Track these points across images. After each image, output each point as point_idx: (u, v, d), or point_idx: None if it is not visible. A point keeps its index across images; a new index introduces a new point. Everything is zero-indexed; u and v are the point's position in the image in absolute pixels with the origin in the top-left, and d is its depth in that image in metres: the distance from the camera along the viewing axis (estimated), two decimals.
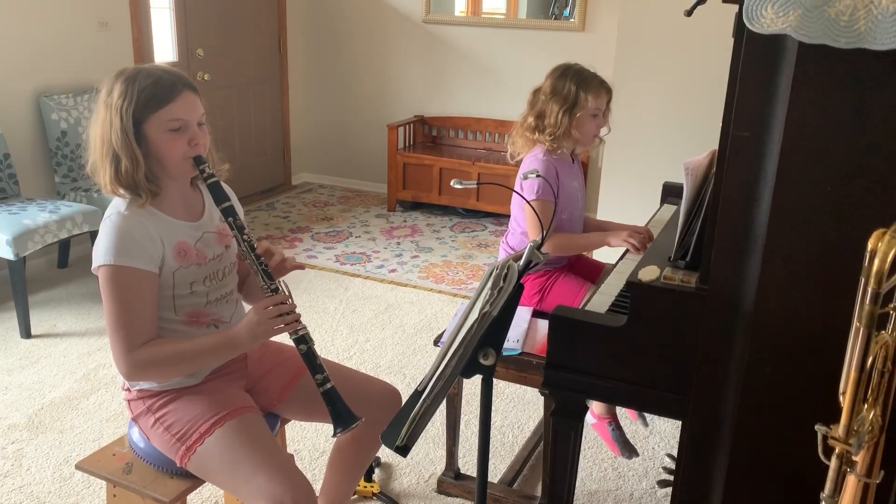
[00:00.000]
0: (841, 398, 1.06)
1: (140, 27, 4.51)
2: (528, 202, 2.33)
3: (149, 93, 1.56)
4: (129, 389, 1.72)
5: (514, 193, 2.51)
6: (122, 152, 1.57)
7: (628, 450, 2.44)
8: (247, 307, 1.82)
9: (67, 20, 4.08)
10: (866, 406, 1.08)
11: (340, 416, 1.62)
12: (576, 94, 2.35)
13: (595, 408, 2.48)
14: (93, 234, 1.52)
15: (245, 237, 1.63)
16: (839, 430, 1.05)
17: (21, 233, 3.22)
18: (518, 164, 2.52)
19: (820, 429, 1.06)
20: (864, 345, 1.01)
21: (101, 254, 1.57)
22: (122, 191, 1.60)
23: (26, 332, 3.32)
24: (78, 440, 2.59)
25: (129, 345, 1.56)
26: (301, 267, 1.78)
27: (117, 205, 1.62)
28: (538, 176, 2.28)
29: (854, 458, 1.08)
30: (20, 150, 3.87)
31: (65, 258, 4.11)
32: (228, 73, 5.26)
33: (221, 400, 1.68)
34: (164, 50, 4.83)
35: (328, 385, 1.62)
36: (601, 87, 2.39)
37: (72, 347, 3.25)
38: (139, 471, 1.71)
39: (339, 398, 1.63)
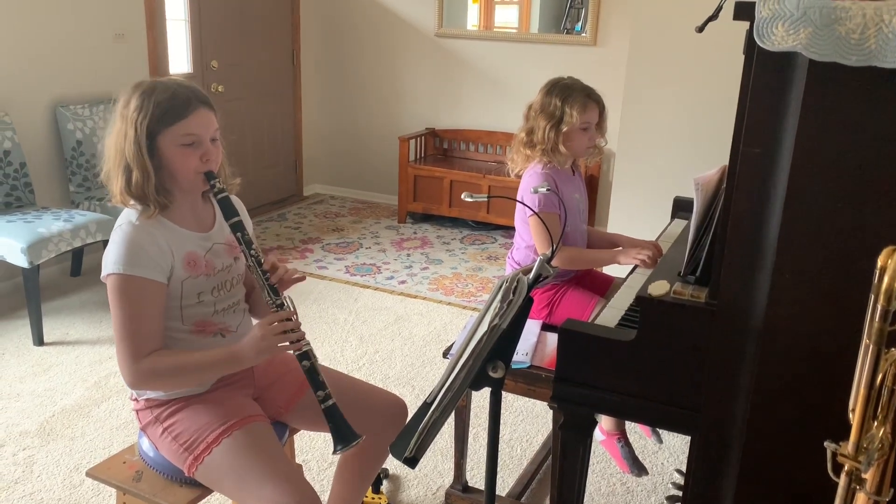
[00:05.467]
0: (850, 415, 1.05)
1: (156, 39, 4.57)
2: (535, 213, 2.31)
3: (164, 107, 1.58)
4: (136, 399, 1.73)
5: (516, 209, 2.51)
6: (134, 164, 1.58)
7: (637, 467, 2.43)
8: (253, 321, 1.83)
9: (84, 32, 4.13)
10: (876, 423, 1.07)
11: (340, 433, 1.62)
12: (561, 109, 2.33)
13: (604, 423, 2.47)
14: (106, 244, 1.53)
15: (252, 252, 1.64)
16: (848, 447, 1.05)
17: (35, 241, 3.26)
18: (519, 177, 2.52)
19: (829, 446, 1.06)
20: (874, 362, 1.00)
21: (110, 262, 1.58)
22: (132, 201, 1.62)
23: (39, 340, 3.35)
24: (88, 448, 2.61)
25: (134, 354, 1.57)
26: (301, 279, 1.76)
27: (128, 214, 1.63)
28: (549, 190, 2.28)
29: (863, 475, 1.07)
30: (36, 160, 3.92)
31: (78, 267, 4.15)
32: (242, 85, 5.31)
33: (229, 409, 1.68)
34: (179, 61, 4.88)
35: (330, 402, 1.62)
36: (588, 100, 2.35)
37: (84, 355, 3.27)
38: (149, 479, 1.72)
39: (340, 415, 1.62)
